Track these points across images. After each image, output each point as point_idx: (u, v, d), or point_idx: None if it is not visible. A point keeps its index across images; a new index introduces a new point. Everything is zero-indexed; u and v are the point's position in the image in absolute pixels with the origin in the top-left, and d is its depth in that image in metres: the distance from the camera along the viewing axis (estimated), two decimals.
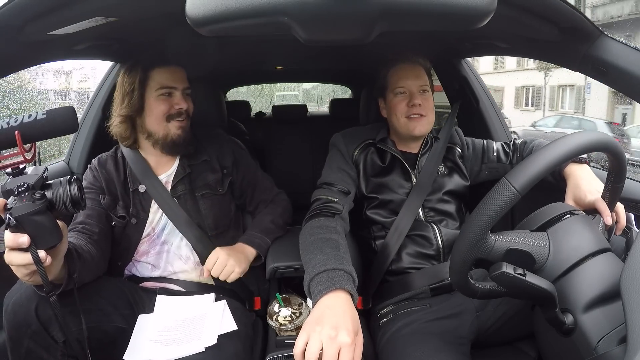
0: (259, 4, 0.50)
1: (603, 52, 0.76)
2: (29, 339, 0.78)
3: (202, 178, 1.10)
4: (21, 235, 0.64)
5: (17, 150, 0.67)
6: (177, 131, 1.04)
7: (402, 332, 0.93)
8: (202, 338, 0.89)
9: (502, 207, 0.57)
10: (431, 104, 1.09)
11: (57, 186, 0.69)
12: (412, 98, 1.07)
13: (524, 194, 0.57)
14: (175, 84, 1.04)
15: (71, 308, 0.78)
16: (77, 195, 0.69)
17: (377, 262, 1.09)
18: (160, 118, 1.03)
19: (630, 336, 0.44)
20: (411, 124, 1.08)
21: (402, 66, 1.10)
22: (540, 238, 0.65)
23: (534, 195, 0.67)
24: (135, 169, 1.06)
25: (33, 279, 0.69)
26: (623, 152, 0.67)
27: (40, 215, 0.65)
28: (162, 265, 1.07)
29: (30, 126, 0.68)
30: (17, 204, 0.64)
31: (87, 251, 0.90)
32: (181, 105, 1.04)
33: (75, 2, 0.67)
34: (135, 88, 1.01)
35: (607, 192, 0.75)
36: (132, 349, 0.88)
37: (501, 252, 0.63)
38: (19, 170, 0.68)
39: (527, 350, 0.91)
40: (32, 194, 0.65)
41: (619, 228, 0.79)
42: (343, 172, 1.10)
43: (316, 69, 2.49)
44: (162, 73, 1.03)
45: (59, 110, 0.71)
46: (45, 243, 0.66)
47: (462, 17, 0.52)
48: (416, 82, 1.08)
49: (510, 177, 0.58)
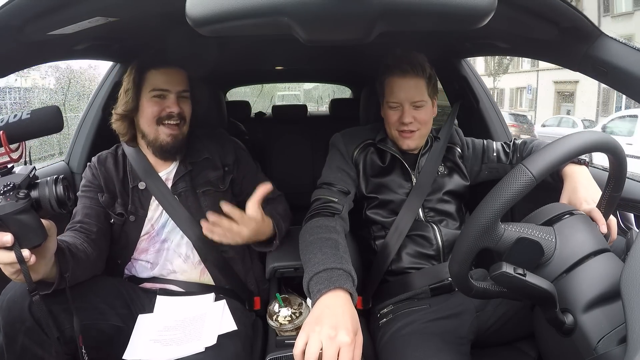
0: (259, 4, 0.50)
1: (603, 52, 0.76)
2: (24, 335, 0.79)
3: (203, 175, 1.10)
4: (4, 234, 0.65)
5: (2, 152, 0.68)
6: (167, 138, 1.03)
7: (402, 332, 0.93)
8: (202, 338, 0.89)
9: (517, 193, 0.57)
10: (425, 117, 1.05)
11: (43, 186, 0.69)
12: (403, 115, 1.03)
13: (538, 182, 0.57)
14: (168, 87, 1.02)
15: (65, 306, 0.79)
16: (62, 195, 0.70)
17: (377, 262, 1.09)
18: (150, 120, 1.02)
19: (630, 336, 0.44)
20: (400, 139, 1.07)
21: (396, 80, 1.03)
22: (548, 232, 0.65)
23: (534, 195, 0.67)
24: (137, 166, 1.07)
25: (21, 277, 0.70)
26: (625, 159, 0.68)
27: (23, 214, 0.66)
28: (160, 262, 1.07)
29: (16, 126, 0.68)
30: (1, 203, 0.65)
31: (83, 250, 0.90)
32: (172, 109, 1.02)
33: (75, 2, 0.67)
34: (131, 88, 1.01)
35: (604, 201, 0.74)
36: (132, 348, 0.88)
37: (510, 241, 0.62)
38: (7, 169, 0.69)
39: (527, 350, 0.91)
40: (16, 193, 0.66)
41: (609, 241, 0.78)
42: (343, 172, 1.10)
43: (316, 69, 2.49)
44: (157, 75, 1.02)
45: (43, 110, 0.71)
46: (29, 242, 0.67)
47: (462, 17, 0.52)
48: (408, 96, 1.03)
49: (527, 162, 0.58)
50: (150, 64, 1.02)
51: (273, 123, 2.46)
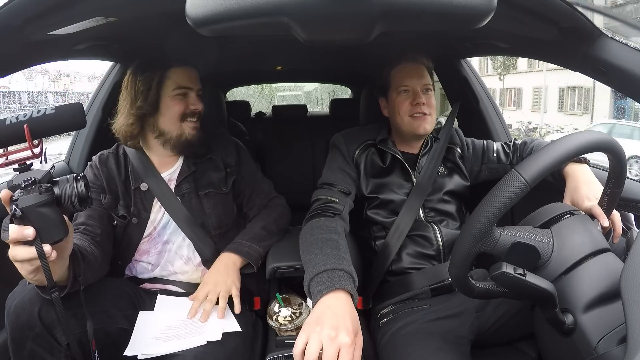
0: (259, 4, 0.50)
1: (603, 52, 0.76)
2: (32, 341, 0.77)
3: (206, 176, 1.10)
4: (26, 228, 0.63)
5: (23, 147, 0.67)
6: (192, 131, 1.05)
7: (402, 332, 0.93)
8: (205, 333, 0.89)
9: (511, 199, 0.57)
10: (433, 103, 1.10)
11: (63, 183, 0.68)
12: (416, 97, 1.07)
13: (532, 187, 0.57)
14: (191, 85, 1.05)
15: (74, 311, 0.78)
16: (84, 193, 0.68)
17: (378, 262, 1.09)
18: (175, 118, 1.03)
19: (630, 336, 0.44)
20: (415, 123, 1.08)
21: (406, 65, 1.10)
22: (544, 234, 0.65)
23: (534, 195, 0.67)
24: (138, 166, 1.06)
25: (37, 278, 0.68)
26: (625, 156, 0.67)
27: (46, 208, 0.64)
28: (162, 263, 1.06)
29: (39, 121, 0.68)
30: (24, 196, 0.64)
31: (91, 252, 0.89)
32: (196, 106, 1.06)
33: (75, 2, 0.67)
34: (152, 87, 1.01)
35: (605, 197, 0.74)
36: (133, 345, 0.87)
37: (506, 246, 0.62)
38: (26, 166, 0.68)
39: (527, 350, 0.91)
40: (39, 186, 0.65)
41: (615, 236, 0.78)
42: (344, 172, 1.10)
43: (316, 69, 2.49)
44: (179, 73, 1.04)
45: (67, 107, 0.71)
46: (50, 237, 0.65)
47: (462, 17, 0.52)
48: (420, 81, 1.08)
49: (520, 168, 0.58)
50: (173, 62, 1.04)
51: (273, 123, 2.46)
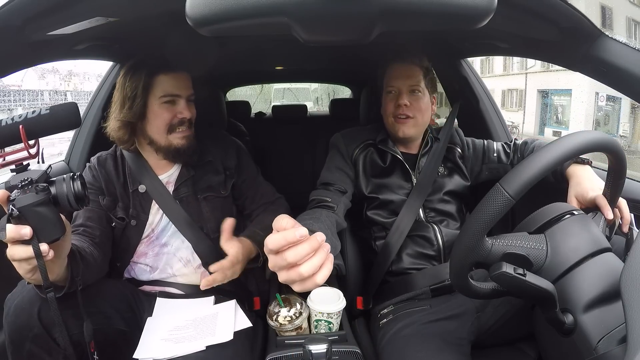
0: (259, 4, 0.50)
1: (603, 52, 0.76)
2: (31, 342, 0.77)
3: (205, 180, 1.09)
4: (23, 227, 0.63)
5: (19, 148, 0.67)
6: (181, 141, 1.02)
7: (402, 332, 0.93)
8: (216, 334, 0.89)
9: (496, 213, 0.57)
10: (422, 105, 1.07)
11: (60, 182, 0.68)
12: (399, 98, 1.05)
13: (520, 198, 0.57)
14: (179, 92, 1.01)
15: (73, 311, 0.78)
16: (80, 192, 0.69)
17: (378, 262, 1.09)
18: (162, 128, 1.00)
19: (630, 336, 0.44)
20: (396, 126, 1.07)
21: (395, 66, 1.09)
22: (538, 240, 0.65)
23: (534, 195, 0.67)
24: (135, 169, 1.05)
25: (35, 277, 0.68)
26: (622, 150, 0.67)
27: (43, 207, 0.65)
28: (160, 266, 1.06)
29: (35, 122, 0.68)
30: (20, 195, 0.64)
31: (90, 253, 0.89)
32: (184, 115, 1.01)
33: (75, 2, 0.67)
34: (138, 94, 0.97)
35: (608, 188, 0.75)
36: (143, 347, 0.87)
37: (498, 255, 0.63)
38: (23, 166, 0.68)
39: (527, 351, 0.91)
40: (35, 186, 0.65)
41: (624, 224, 0.79)
42: (341, 171, 1.10)
43: (316, 68, 2.49)
44: (167, 80, 0.99)
45: (62, 106, 0.71)
46: (47, 236, 0.65)
47: (462, 17, 0.52)
48: (406, 81, 1.06)
49: (503, 182, 0.58)
50: (160, 68, 1.00)
51: (273, 123, 2.46)
